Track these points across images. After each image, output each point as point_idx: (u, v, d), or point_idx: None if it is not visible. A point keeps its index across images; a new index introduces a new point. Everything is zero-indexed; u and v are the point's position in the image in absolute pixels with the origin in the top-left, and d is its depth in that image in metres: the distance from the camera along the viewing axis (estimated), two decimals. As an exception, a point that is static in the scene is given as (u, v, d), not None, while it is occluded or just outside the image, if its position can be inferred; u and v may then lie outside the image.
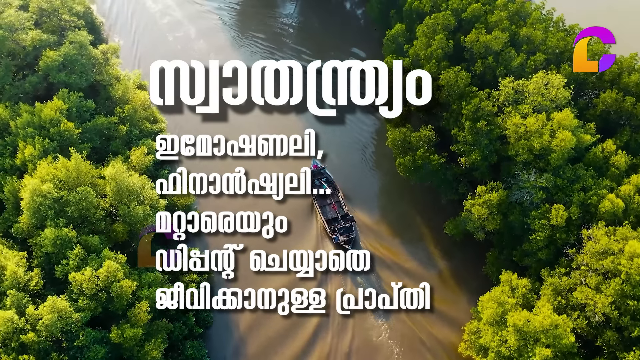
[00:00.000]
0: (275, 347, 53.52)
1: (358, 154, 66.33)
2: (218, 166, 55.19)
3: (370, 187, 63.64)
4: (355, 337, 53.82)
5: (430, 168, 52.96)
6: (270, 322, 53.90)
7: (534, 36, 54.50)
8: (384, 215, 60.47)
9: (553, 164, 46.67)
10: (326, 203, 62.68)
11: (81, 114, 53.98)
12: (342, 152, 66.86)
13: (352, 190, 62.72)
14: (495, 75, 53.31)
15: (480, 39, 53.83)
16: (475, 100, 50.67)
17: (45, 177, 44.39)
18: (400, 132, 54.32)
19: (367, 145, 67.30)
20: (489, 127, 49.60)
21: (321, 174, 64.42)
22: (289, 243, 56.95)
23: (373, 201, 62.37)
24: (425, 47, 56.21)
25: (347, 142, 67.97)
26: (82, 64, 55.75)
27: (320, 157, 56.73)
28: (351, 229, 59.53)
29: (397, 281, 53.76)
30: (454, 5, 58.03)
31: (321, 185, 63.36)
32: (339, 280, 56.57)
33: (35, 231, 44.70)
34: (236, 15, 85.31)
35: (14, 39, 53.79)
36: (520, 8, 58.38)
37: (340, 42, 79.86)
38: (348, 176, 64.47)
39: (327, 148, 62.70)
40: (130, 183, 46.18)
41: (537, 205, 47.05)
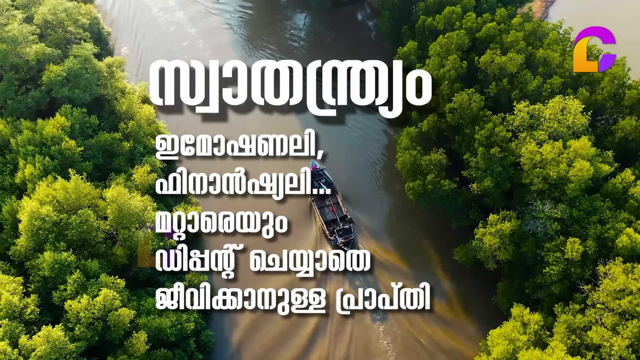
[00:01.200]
0: (275, 347, 52.57)
1: (368, 175, 64.66)
2: (218, 166, 55.37)
3: (377, 206, 61.91)
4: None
5: (440, 193, 51.30)
6: (270, 322, 53.39)
7: (551, 58, 52.67)
8: (390, 235, 58.97)
9: (569, 195, 44.88)
10: (325, 204, 62.03)
11: (84, 130, 52.87)
12: (347, 161, 66.17)
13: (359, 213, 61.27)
14: (510, 98, 51.62)
15: (495, 61, 52.09)
16: (488, 125, 48.97)
17: (44, 199, 43.21)
18: (410, 155, 52.70)
19: (377, 162, 65.62)
20: (503, 153, 47.88)
21: (320, 175, 63.67)
22: (288, 243, 56.52)
23: (380, 223, 60.59)
24: (438, 67, 54.57)
25: (347, 144, 67.36)
26: (86, 78, 54.62)
27: (320, 157, 55.99)
28: (350, 231, 58.85)
29: (409, 330, 53.19)
30: (468, 24, 56.33)
31: (320, 186, 62.51)
32: (339, 283, 56.13)
33: (33, 254, 43.54)
34: (245, 25, 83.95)
35: (17, 52, 52.68)
36: (537, 27, 56.61)
37: (351, 55, 77.87)
38: (354, 189, 63.36)
39: (328, 150, 62.50)
40: (132, 206, 44.94)
41: (551, 237, 45.30)
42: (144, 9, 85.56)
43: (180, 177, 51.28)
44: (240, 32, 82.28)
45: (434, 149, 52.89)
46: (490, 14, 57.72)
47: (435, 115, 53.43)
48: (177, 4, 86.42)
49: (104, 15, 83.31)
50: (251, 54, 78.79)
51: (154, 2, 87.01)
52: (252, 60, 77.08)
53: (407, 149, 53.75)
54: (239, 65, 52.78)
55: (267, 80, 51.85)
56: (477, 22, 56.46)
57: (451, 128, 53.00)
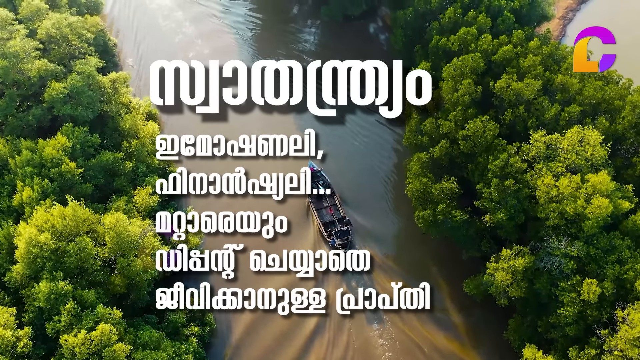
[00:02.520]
0: (275, 347, 51.76)
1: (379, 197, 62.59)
2: (218, 166, 55.92)
3: (384, 228, 60.05)
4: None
5: (451, 224, 49.43)
6: (270, 322, 52.66)
7: (569, 84, 50.62)
8: (397, 262, 56.84)
9: (586, 232, 42.89)
10: (322, 206, 61.19)
11: (85, 150, 51.49)
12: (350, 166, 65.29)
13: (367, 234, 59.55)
14: (526, 126, 49.64)
15: (512, 86, 50.13)
16: (503, 155, 47.05)
17: (42, 226, 41.78)
18: (420, 183, 50.85)
19: (388, 178, 63.69)
20: (518, 185, 45.95)
21: (318, 176, 62.72)
22: (288, 243, 55.93)
23: (387, 241, 58.82)
24: (451, 91, 52.65)
25: (348, 149, 66.46)
26: (89, 95, 53.24)
27: (320, 157, 55.21)
28: (348, 233, 58.04)
29: (407, 334, 51.79)
30: (483, 46, 54.35)
31: (317, 188, 61.06)
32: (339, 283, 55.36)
33: (29, 282, 42.15)
34: (253, 36, 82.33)
35: (19, 68, 51.33)
36: (555, 50, 54.60)
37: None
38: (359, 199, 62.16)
39: (329, 152, 61.53)
40: (131, 233, 43.41)
41: (567, 276, 43.34)
42: (149, 19, 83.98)
43: (180, 177, 51.68)
44: (248, 44, 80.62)
45: (445, 176, 51.01)
46: (506, 36, 55.71)
47: (447, 141, 51.56)
48: (185, 16, 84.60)
49: (111, 24, 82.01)
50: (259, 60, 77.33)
51: (160, 12, 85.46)
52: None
53: (417, 175, 51.90)
54: (238, 65, 52.74)
55: (267, 80, 51.58)
56: (493, 45, 54.47)
57: (464, 155, 51.10)
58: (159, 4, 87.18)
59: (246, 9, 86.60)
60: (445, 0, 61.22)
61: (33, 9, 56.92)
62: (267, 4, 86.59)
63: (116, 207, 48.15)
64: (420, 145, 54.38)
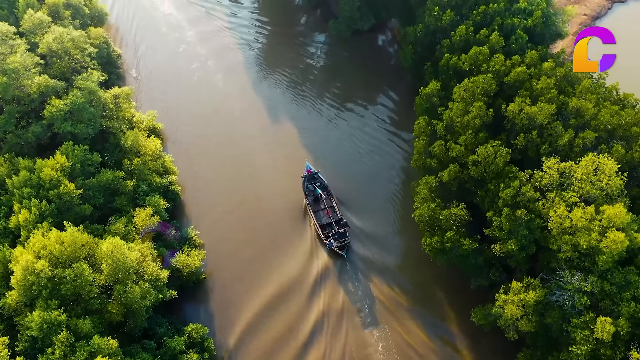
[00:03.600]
0: (271, 354, 50.86)
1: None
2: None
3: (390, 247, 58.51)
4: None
5: (460, 252, 47.83)
6: (267, 325, 52.06)
7: (584, 109, 48.82)
8: (401, 286, 55.42)
9: (601, 266, 41.18)
10: (320, 208, 60.73)
11: (85, 168, 50.27)
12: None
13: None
14: (538, 152, 47.97)
15: (525, 110, 48.46)
16: (515, 183, 45.42)
17: (39, 252, 40.55)
18: (428, 209, 49.27)
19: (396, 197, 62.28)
20: (529, 215, 44.30)
21: (315, 178, 62.57)
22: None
23: (393, 261, 57.43)
24: (462, 113, 51.06)
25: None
26: (90, 112, 52.01)
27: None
28: (345, 235, 57.39)
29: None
30: (496, 67, 52.75)
31: (315, 190, 61.53)
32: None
33: (23, 309, 40.94)
34: (260, 46, 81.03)
35: (19, 84, 50.17)
36: (569, 72, 52.83)
37: (371, 80, 75.07)
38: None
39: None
40: (128, 260, 42.08)
41: (579, 312, 41.67)
42: (153, 28, 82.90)
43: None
44: (255, 53, 79.38)
45: (454, 202, 49.42)
46: (519, 56, 54.11)
47: (457, 166, 49.95)
48: (188, 22, 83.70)
49: (115, 34, 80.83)
50: (265, 76, 75.90)
51: (164, 21, 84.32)
52: (264, 83, 74.49)
53: (425, 200, 50.33)
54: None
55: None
56: (506, 65, 52.87)
57: (474, 181, 49.47)
58: (163, 12, 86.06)
59: (253, 19, 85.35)
60: (457, 17, 59.44)
61: (35, 22, 55.83)
62: (275, 15, 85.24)
63: (115, 229, 46.93)
64: (429, 168, 52.82)
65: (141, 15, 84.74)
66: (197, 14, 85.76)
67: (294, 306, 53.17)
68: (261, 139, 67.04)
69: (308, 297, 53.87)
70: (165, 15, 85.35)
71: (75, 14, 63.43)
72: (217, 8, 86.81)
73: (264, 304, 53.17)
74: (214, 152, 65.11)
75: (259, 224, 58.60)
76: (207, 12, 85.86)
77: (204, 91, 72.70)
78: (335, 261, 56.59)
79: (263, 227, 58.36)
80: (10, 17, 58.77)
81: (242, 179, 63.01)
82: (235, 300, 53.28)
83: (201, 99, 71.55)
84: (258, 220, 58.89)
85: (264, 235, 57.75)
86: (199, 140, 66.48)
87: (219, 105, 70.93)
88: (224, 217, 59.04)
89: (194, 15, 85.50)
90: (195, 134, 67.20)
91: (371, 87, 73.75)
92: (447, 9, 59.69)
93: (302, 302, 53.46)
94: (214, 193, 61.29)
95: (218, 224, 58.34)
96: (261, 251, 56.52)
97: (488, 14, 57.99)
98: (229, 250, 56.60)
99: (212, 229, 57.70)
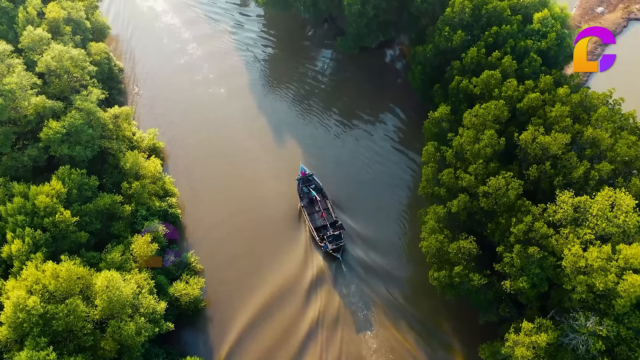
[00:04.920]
0: (269, 353, 50.69)
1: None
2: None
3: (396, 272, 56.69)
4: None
5: (468, 287, 45.99)
6: (262, 328, 51.78)
7: (600, 139, 46.80)
8: (406, 318, 53.65)
9: (617, 311, 39.27)
10: (314, 210, 59.96)
11: (82, 193, 48.72)
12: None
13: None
14: (552, 183, 46.09)
15: (538, 140, 46.56)
16: (527, 218, 43.51)
17: (32, 287, 38.99)
18: (436, 240, 47.43)
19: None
20: (542, 253, 42.41)
21: (309, 180, 61.83)
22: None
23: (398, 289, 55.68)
24: (472, 141, 49.18)
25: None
26: (88, 134, 50.45)
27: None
28: (340, 237, 56.67)
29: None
30: (508, 92, 50.84)
31: (310, 192, 60.76)
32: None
33: (13, 345, 39.40)
34: (265, 60, 79.25)
35: (15, 106, 48.64)
36: (584, 98, 50.80)
37: (377, 96, 73.27)
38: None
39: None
40: (123, 294, 40.46)
41: (593, 357, 39.82)
42: (156, 40, 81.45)
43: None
44: (260, 67, 77.59)
45: (463, 234, 47.59)
46: (533, 81, 52.18)
47: (466, 196, 48.09)
48: (192, 37, 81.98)
49: (117, 46, 79.27)
50: (269, 92, 74.23)
51: (166, 32, 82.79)
52: (268, 99, 72.84)
53: (433, 231, 48.49)
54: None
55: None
56: (519, 91, 50.96)
57: (484, 212, 47.62)
58: (167, 23, 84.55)
59: (259, 29, 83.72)
60: (468, 38, 57.52)
61: (35, 39, 54.27)
62: (281, 28, 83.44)
63: (111, 258, 45.37)
64: (437, 196, 51.00)
65: (143, 27, 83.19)
66: (198, 23, 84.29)
67: (288, 311, 52.96)
68: (264, 156, 65.34)
69: (303, 302, 53.60)
70: (167, 25, 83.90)
71: (76, 29, 61.81)
72: (222, 19, 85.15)
73: (259, 309, 53.26)
74: (216, 170, 63.47)
75: (263, 248, 56.96)
76: (210, 23, 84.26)
77: (206, 105, 71.04)
78: (330, 264, 56.28)
79: (268, 253, 56.74)
80: (9, 33, 57.31)
81: (245, 198, 61.41)
82: (231, 317, 52.48)
83: (204, 114, 69.90)
84: (261, 244, 57.26)
85: (268, 264, 56.19)
86: (200, 157, 64.84)
87: (221, 120, 69.22)
88: (225, 239, 57.49)
89: (195, 24, 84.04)
90: (197, 149, 65.60)
91: (378, 103, 71.98)
92: (458, 29, 57.76)
93: (297, 307, 53.22)
94: (215, 213, 59.67)
95: (219, 247, 56.76)
96: (266, 283, 55.02)
97: (500, 36, 56.01)
98: (230, 277, 55.05)
99: (212, 251, 56.18)
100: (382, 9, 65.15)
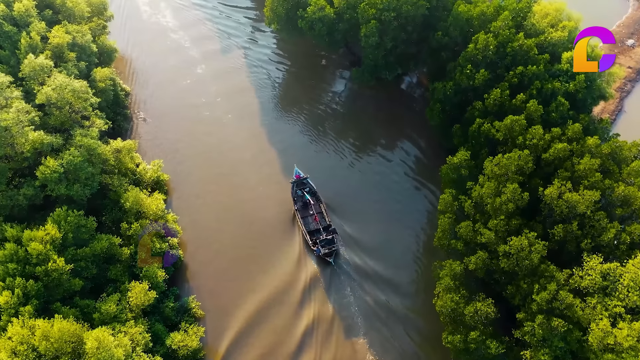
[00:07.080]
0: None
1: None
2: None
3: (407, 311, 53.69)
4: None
5: (485, 355, 42.84)
6: (257, 331, 50.65)
7: (632, 197, 43.54)
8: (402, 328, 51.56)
9: (648, 396, 36.06)
10: (308, 214, 58.96)
11: (79, 236, 46.22)
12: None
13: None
14: (579, 247, 42.84)
15: (565, 197, 43.36)
16: (551, 286, 40.33)
17: (17, 348, 36.54)
18: (451, 301, 44.32)
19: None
20: (567, 326, 39.23)
21: (304, 184, 60.73)
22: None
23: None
24: (493, 193, 46.01)
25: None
26: (87, 171, 47.96)
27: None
28: (333, 241, 55.68)
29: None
30: (533, 140, 47.63)
31: (303, 195, 59.64)
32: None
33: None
34: (279, 84, 76.42)
35: (11, 142, 46.27)
36: (616, 148, 47.46)
37: (394, 125, 70.15)
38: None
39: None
40: (115, 358, 37.84)
41: None
42: (163, 59, 78.84)
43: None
44: (272, 92, 74.78)
45: (480, 294, 44.50)
46: (560, 128, 48.88)
47: (485, 253, 44.97)
48: (202, 56, 79.39)
49: (123, 69, 76.64)
50: (280, 116, 71.43)
51: (173, 54, 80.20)
52: (279, 124, 70.03)
53: (448, 289, 45.38)
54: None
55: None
56: (545, 139, 47.70)
57: (504, 273, 44.47)
58: (176, 41, 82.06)
59: (271, 51, 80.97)
60: (492, 77, 54.27)
61: (36, 67, 51.88)
62: (295, 52, 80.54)
63: (106, 309, 42.85)
64: (454, 250, 47.93)
65: (151, 47, 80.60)
66: (209, 43, 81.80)
67: (283, 316, 51.96)
68: (274, 185, 62.41)
69: (296, 308, 52.51)
70: (174, 42, 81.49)
71: (81, 54, 59.17)
72: (234, 41, 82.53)
73: (253, 315, 52.18)
74: (221, 203, 60.42)
75: (273, 300, 54.02)
76: (220, 43, 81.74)
77: (214, 131, 68.11)
78: (324, 269, 55.04)
79: (277, 299, 54.05)
80: (12, 58, 54.91)
81: (251, 234, 58.54)
82: (226, 324, 51.32)
83: (210, 141, 66.94)
84: (269, 290, 54.42)
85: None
86: (206, 188, 61.73)
87: (229, 149, 66.23)
88: (229, 282, 54.63)
89: (205, 43, 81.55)
90: (203, 181, 62.46)
91: (395, 132, 68.90)
92: (481, 67, 54.59)
93: (291, 312, 52.17)
94: (221, 253, 56.65)
95: (223, 291, 53.87)
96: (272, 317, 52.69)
97: (526, 76, 52.77)
98: (222, 288, 53.50)
99: (214, 295, 53.41)
100: (401, 41, 61.95)
